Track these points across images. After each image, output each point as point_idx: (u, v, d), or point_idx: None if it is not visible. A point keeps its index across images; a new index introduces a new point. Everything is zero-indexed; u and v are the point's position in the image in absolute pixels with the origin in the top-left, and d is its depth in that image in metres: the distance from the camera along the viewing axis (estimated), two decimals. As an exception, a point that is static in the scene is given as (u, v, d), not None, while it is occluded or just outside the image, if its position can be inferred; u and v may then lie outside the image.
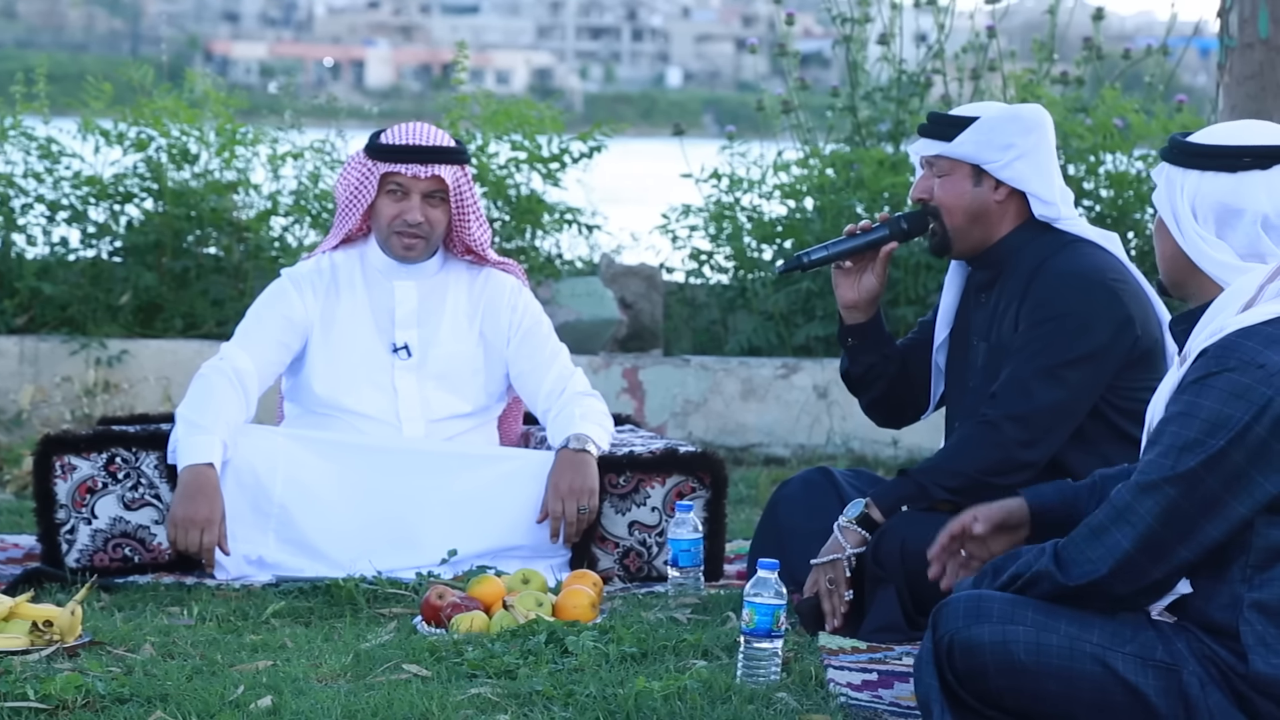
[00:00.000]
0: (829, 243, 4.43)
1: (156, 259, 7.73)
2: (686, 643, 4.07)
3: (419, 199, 4.96)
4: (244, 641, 4.17)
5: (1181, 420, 3.16)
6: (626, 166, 9.60)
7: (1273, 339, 3.15)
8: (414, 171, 4.93)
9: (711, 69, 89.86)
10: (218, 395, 4.81)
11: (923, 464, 4.29)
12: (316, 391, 5.02)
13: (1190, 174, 3.30)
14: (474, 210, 5.04)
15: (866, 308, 4.44)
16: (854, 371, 4.50)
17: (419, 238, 4.98)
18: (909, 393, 4.51)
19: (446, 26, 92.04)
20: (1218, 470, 3.13)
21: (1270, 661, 3.16)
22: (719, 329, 7.97)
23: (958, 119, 4.30)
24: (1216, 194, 3.28)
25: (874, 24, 8.09)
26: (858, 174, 7.75)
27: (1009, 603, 3.24)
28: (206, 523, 4.67)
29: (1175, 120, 7.76)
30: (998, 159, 4.27)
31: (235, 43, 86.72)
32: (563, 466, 4.83)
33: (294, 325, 5.01)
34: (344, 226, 5.07)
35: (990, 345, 4.30)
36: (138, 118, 7.75)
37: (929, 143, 4.32)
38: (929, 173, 4.34)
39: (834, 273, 4.45)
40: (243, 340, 4.98)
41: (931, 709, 3.26)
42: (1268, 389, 3.11)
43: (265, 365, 4.97)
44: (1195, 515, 3.14)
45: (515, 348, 5.10)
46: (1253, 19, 6.31)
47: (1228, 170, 3.27)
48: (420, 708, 3.59)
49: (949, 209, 4.30)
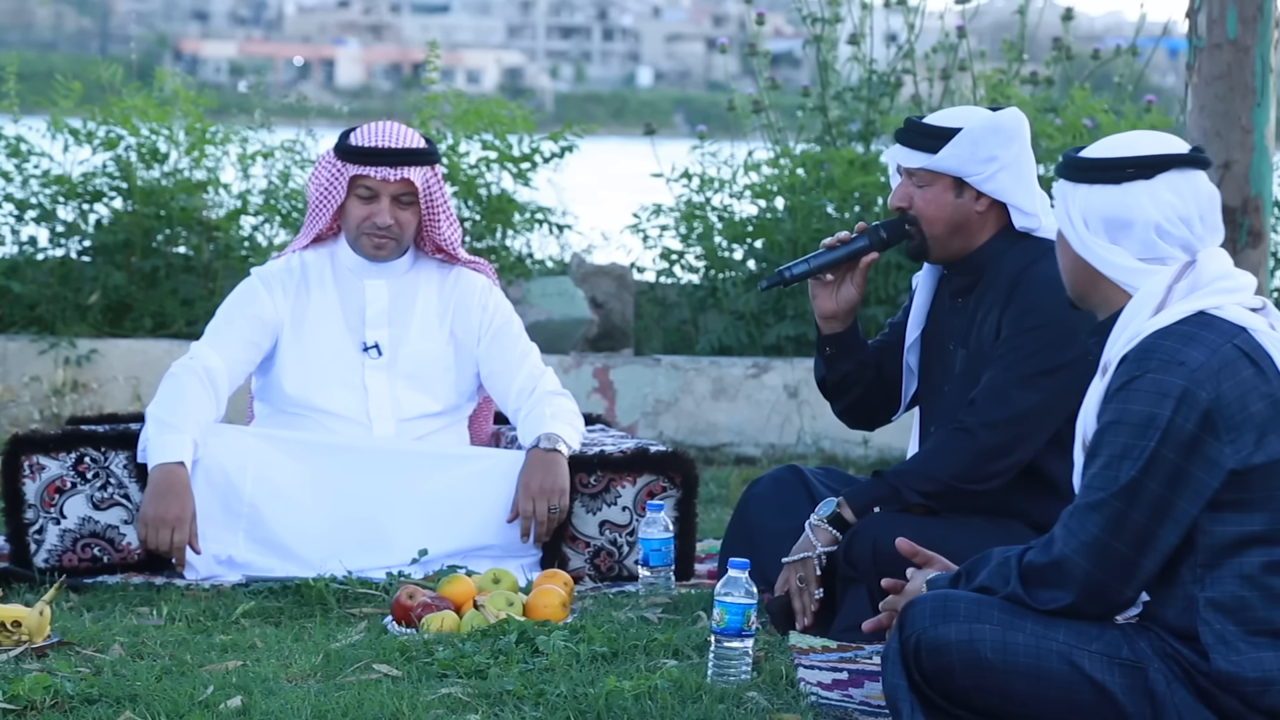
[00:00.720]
0: (809, 256, 4.39)
1: (125, 258, 7.70)
2: (657, 642, 4.08)
3: (388, 201, 4.95)
4: (213, 642, 4.16)
5: (1113, 429, 3.20)
6: (600, 165, 9.61)
7: (1189, 336, 3.19)
8: (383, 174, 4.92)
9: (682, 69, 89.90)
10: (188, 394, 4.80)
11: (897, 466, 4.29)
12: (287, 390, 5.01)
13: (1080, 188, 3.33)
14: (444, 210, 5.03)
15: (845, 318, 4.43)
16: (831, 379, 4.49)
17: (389, 239, 4.98)
18: (883, 396, 4.51)
19: (417, 26, 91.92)
20: (1156, 472, 3.16)
21: (1230, 659, 3.18)
22: (690, 328, 7.97)
23: (940, 130, 4.25)
24: (1104, 206, 3.31)
25: (844, 24, 8.11)
26: (828, 174, 7.76)
27: (975, 602, 3.26)
28: (177, 522, 4.66)
29: (1144, 120, 7.79)
30: (980, 172, 4.24)
31: (205, 41, 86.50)
32: (533, 466, 4.83)
33: (264, 324, 5.00)
34: (314, 227, 5.06)
35: (969, 351, 4.29)
36: (107, 117, 7.72)
37: (911, 153, 4.27)
38: (907, 181, 4.31)
39: (812, 285, 4.42)
40: (213, 339, 4.97)
41: (900, 708, 3.27)
42: (1188, 383, 3.15)
43: (235, 364, 4.95)
44: (1147, 523, 3.17)
45: (486, 347, 5.09)
46: (1221, 19, 6.34)
47: (1113, 182, 3.30)
48: (390, 708, 3.58)
49: (929, 219, 4.28)
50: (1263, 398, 3.19)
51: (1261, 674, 3.18)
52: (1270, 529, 3.18)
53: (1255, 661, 3.18)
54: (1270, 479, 3.18)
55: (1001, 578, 3.29)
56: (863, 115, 7.97)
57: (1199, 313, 3.23)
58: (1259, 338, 3.23)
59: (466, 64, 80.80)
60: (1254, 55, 6.33)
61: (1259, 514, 3.18)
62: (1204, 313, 3.23)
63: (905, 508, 4.24)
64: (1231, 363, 3.19)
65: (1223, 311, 3.24)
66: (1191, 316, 3.23)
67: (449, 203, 5.06)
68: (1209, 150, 6.35)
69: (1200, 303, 3.24)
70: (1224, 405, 3.17)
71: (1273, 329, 3.26)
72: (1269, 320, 3.27)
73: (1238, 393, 3.18)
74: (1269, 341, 3.23)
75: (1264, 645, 3.19)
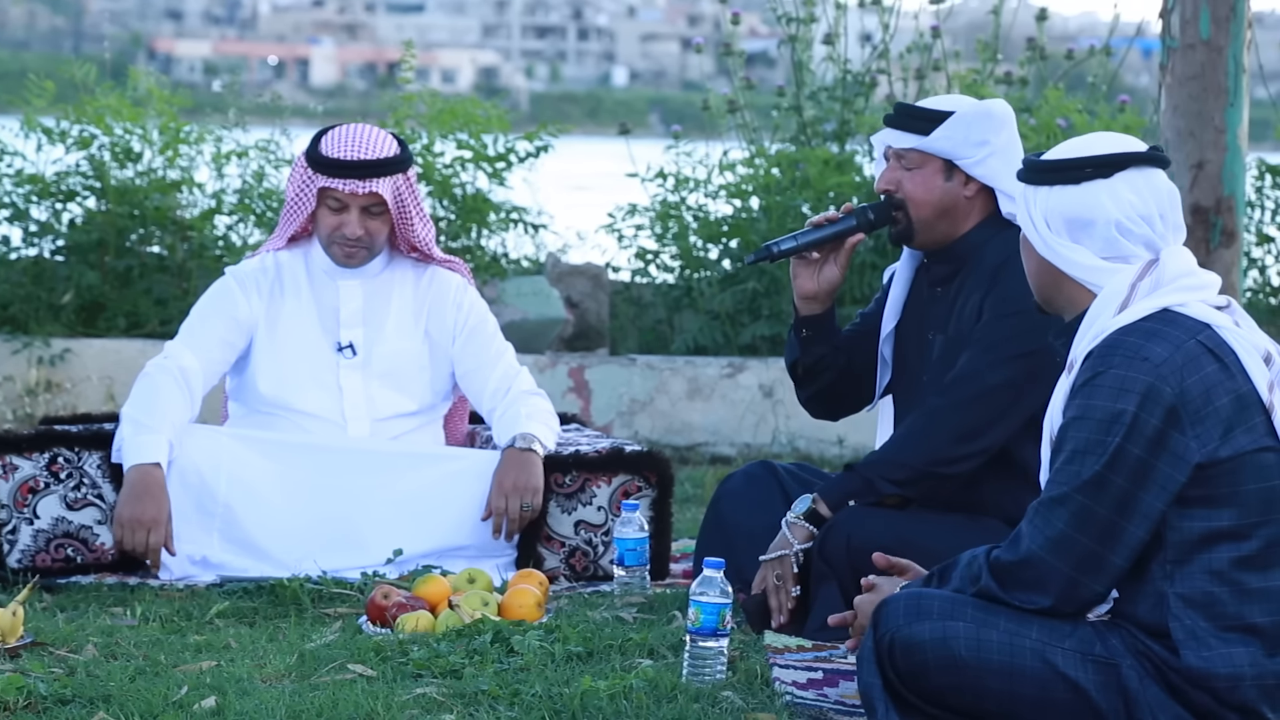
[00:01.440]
0: (797, 233, 4.38)
1: (99, 258, 7.68)
2: (632, 642, 4.08)
3: (357, 212, 4.94)
4: (188, 642, 4.15)
5: (1077, 425, 3.22)
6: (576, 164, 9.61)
7: (1153, 333, 3.21)
8: (351, 188, 4.90)
9: (657, 68, 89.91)
10: (163, 395, 4.79)
11: (869, 457, 4.29)
12: (261, 391, 5.00)
13: (1040, 190, 3.35)
14: (417, 213, 5.02)
15: (825, 299, 4.42)
16: (805, 362, 4.47)
17: (359, 248, 4.97)
18: (852, 385, 4.50)
19: (391, 25, 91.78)
20: (1121, 467, 3.18)
21: (1201, 655, 3.20)
22: (665, 328, 7.97)
23: (933, 113, 4.27)
24: (1065, 207, 3.33)
25: (819, 24, 8.12)
26: (803, 173, 7.77)
27: (949, 601, 3.27)
28: (153, 523, 4.65)
29: (1118, 120, 7.81)
30: (972, 155, 4.25)
31: (179, 41, 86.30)
32: (508, 464, 4.83)
33: (238, 324, 5.00)
34: (287, 231, 5.05)
35: (949, 338, 4.29)
36: (80, 116, 7.70)
37: (902, 135, 4.28)
38: (896, 164, 4.31)
39: (794, 264, 4.41)
40: (187, 339, 4.96)
41: (875, 707, 3.28)
42: (1153, 378, 3.17)
43: (210, 364, 4.95)
44: (1113, 517, 3.19)
45: (461, 346, 5.09)
46: (1194, 20, 6.36)
47: (1072, 182, 3.32)
48: (365, 708, 3.58)
49: (918, 203, 4.28)
50: (1228, 393, 3.21)
51: (1232, 670, 3.20)
52: (1238, 524, 3.20)
53: (1225, 658, 3.20)
54: (1237, 474, 3.20)
55: (970, 577, 3.30)
56: (837, 115, 7.97)
57: (1163, 310, 3.25)
58: (1223, 334, 3.25)
59: (441, 63, 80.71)
60: (1227, 55, 6.35)
61: (1226, 509, 3.20)
62: (1168, 310, 3.26)
63: (880, 500, 4.24)
64: (1195, 358, 3.21)
65: (1186, 308, 3.26)
66: (1155, 313, 3.25)
67: (421, 204, 5.05)
68: (1182, 150, 6.38)
69: (1164, 300, 3.26)
70: (1188, 400, 3.18)
71: (1237, 326, 3.28)
72: (1234, 318, 3.29)
73: (1202, 388, 3.20)
74: (1233, 338, 3.25)
75: (1234, 641, 3.21)
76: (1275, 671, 3.22)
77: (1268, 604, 3.21)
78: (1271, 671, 3.22)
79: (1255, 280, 8.04)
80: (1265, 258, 8.08)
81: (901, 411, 4.43)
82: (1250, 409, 3.22)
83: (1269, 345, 3.29)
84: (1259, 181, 8.00)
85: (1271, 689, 3.22)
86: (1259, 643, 3.21)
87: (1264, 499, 3.21)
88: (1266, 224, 8.04)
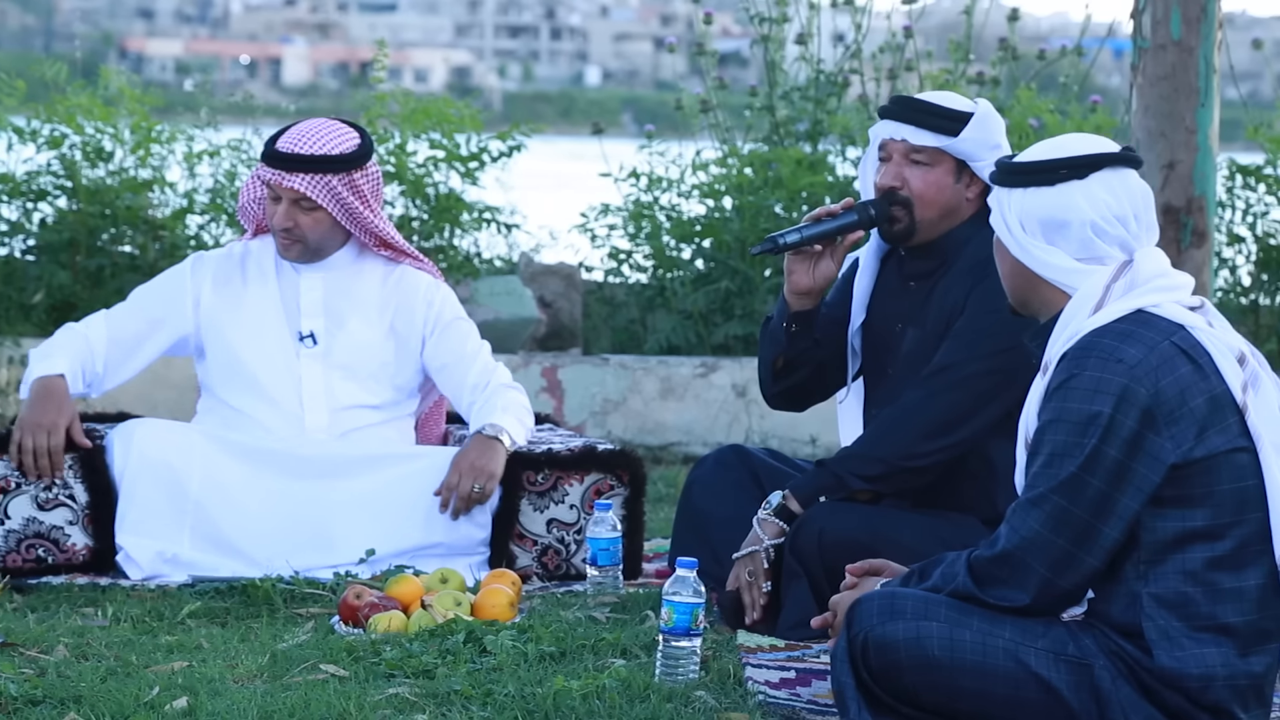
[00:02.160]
0: (800, 226, 4.32)
1: (70, 257, 7.66)
2: (605, 642, 4.08)
3: (287, 204, 4.97)
4: (159, 642, 4.14)
5: (1054, 427, 3.23)
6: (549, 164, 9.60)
7: (1126, 334, 3.23)
8: (275, 179, 4.94)
9: (630, 68, 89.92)
10: (59, 337, 4.97)
11: (841, 453, 4.29)
12: (222, 376, 5.02)
13: (1015, 192, 3.36)
14: (368, 211, 4.99)
15: (817, 295, 4.37)
16: (788, 356, 4.44)
17: (292, 240, 4.99)
18: (822, 376, 4.49)
19: (364, 24, 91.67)
20: (1097, 469, 3.19)
21: (1174, 655, 3.21)
22: (638, 328, 7.97)
23: (958, 113, 4.22)
24: (1040, 208, 3.34)
25: (792, 24, 8.12)
26: (776, 173, 7.77)
27: (923, 600, 3.28)
28: (52, 426, 4.75)
29: (1089, 121, 7.83)
30: (985, 158, 4.22)
31: (150, 40, 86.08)
32: (471, 446, 4.86)
33: (176, 306, 5.03)
34: (248, 220, 5.11)
35: (925, 332, 4.27)
36: (51, 115, 7.68)
37: (924, 133, 4.22)
38: (903, 160, 4.26)
39: (790, 259, 4.34)
40: (110, 312, 5.07)
41: (848, 706, 3.28)
42: (1128, 380, 3.18)
43: (124, 335, 5.00)
44: (1089, 519, 3.20)
45: (434, 343, 5.09)
46: (1165, 20, 6.37)
47: (1047, 184, 3.33)
48: (337, 708, 3.57)
49: (927, 202, 4.25)
50: (1202, 394, 3.22)
51: (1204, 670, 3.21)
52: (1212, 525, 3.21)
53: (1198, 658, 3.21)
54: (1210, 474, 3.21)
55: (949, 575, 3.31)
56: (810, 115, 7.98)
57: (1137, 311, 3.27)
58: (1197, 335, 3.26)
59: (414, 63, 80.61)
60: (1198, 56, 6.37)
61: (1200, 510, 3.21)
62: (1142, 311, 3.27)
63: (850, 495, 4.24)
64: (1169, 359, 3.22)
65: (1161, 309, 3.27)
66: (1130, 315, 3.26)
67: (373, 202, 5.01)
68: (1154, 150, 6.40)
69: (1138, 301, 3.27)
70: (1163, 401, 3.20)
71: (1210, 326, 3.29)
72: (1207, 318, 3.31)
73: (1176, 388, 3.21)
74: (1207, 339, 3.26)
75: (1207, 641, 3.22)
76: (1247, 672, 3.23)
77: (1240, 604, 3.23)
78: (1243, 672, 3.23)
79: (1226, 280, 8.06)
80: (1236, 258, 8.11)
81: (870, 403, 4.42)
82: (1224, 409, 3.23)
83: (1242, 345, 3.31)
84: (1230, 182, 8.03)
85: (1243, 689, 3.23)
86: (1231, 643, 3.22)
87: (1237, 499, 3.22)
88: (1237, 224, 8.07)
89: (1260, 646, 3.25)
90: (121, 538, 4.76)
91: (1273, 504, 3.23)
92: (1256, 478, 3.23)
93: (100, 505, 4.79)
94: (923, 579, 3.36)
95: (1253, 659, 3.24)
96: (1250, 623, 3.23)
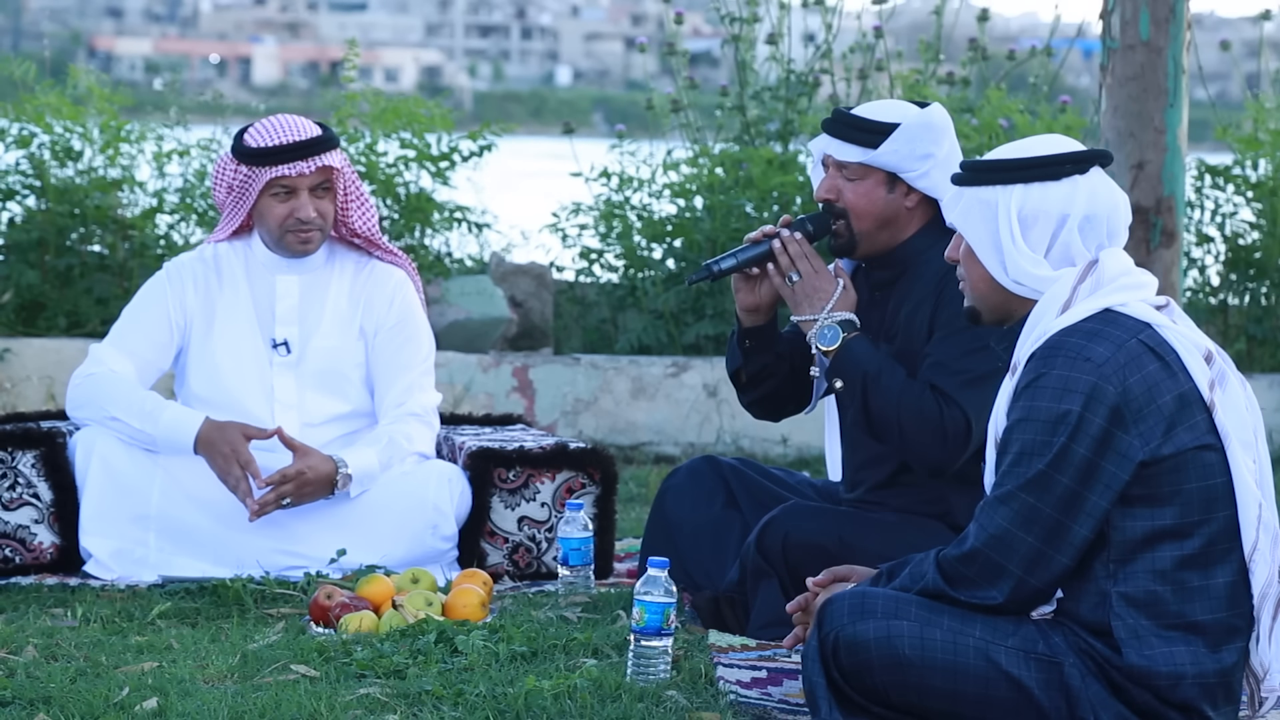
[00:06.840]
0: (735, 250, 4.33)
1: (39, 257, 7.63)
2: (576, 641, 4.08)
3: (307, 195, 4.91)
4: (129, 643, 4.12)
5: (1023, 426, 3.24)
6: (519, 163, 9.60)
7: (1094, 333, 3.24)
8: (299, 170, 4.87)
9: (601, 68, 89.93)
10: (119, 384, 4.81)
11: (885, 363, 4.17)
12: (194, 386, 4.96)
13: (1015, 189, 3.35)
14: (358, 194, 5.00)
15: (767, 311, 4.39)
16: (749, 370, 4.46)
17: (315, 230, 4.94)
18: (794, 387, 4.50)
19: (334, 24, 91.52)
20: (1066, 467, 3.20)
21: (1143, 653, 3.22)
22: (609, 328, 7.97)
23: (878, 125, 4.22)
24: (1046, 202, 3.33)
25: (762, 24, 8.13)
26: (747, 173, 7.78)
27: (893, 600, 3.28)
28: (234, 450, 4.72)
29: (1059, 121, 7.85)
30: (916, 169, 4.22)
31: (119, 39, 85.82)
32: (319, 463, 4.74)
33: (170, 323, 4.96)
34: (229, 227, 5.01)
35: (895, 349, 4.26)
36: (20, 114, 7.65)
37: (846, 146, 4.24)
38: (836, 173, 4.28)
39: (735, 279, 4.36)
40: (117, 342, 4.93)
41: (819, 705, 3.29)
42: (1096, 378, 3.20)
43: (144, 366, 4.92)
44: (1058, 516, 3.21)
45: (378, 341, 5.02)
46: (1134, 21, 6.40)
47: (1052, 179, 3.33)
48: (308, 708, 3.57)
49: (860, 214, 4.26)
50: (1169, 391, 3.23)
51: (1173, 668, 3.22)
52: (1180, 523, 3.23)
53: (1167, 656, 3.22)
54: (1179, 472, 3.22)
55: (917, 575, 3.32)
56: (781, 115, 7.99)
57: (1104, 310, 3.28)
58: (1164, 333, 3.28)
59: (384, 62, 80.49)
60: (1167, 56, 6.40)
61: (1168, 508, 3.23)
62: (1109, 310, 3.28)
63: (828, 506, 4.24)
64: (1137, 357, 3.24)
65: (1128, 308, 3.29)
66: (1097, 314, 3.28)
67: (361, 187, 5.03)
68: (1123, 151, 6.42)
69: (1105, 300, 3.29)
70: (1131, 399, 3.21)
71: (1175, 325, 3.31)
72: (1172, 317, 3.32)
73: (1144, 386, 3.22)
74: (1174, 337, 3.28)
75: (1176, 640, 3.23)
76: (1216, 670, 3.25)
77: (1209, 602, 3.24)
78: (1212, 670, 3.24)
79: (1195, 280, 8.09)
80: (1205, 258, 8.14)
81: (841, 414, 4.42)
82: (1191, 407, 3.25)
83: (1208, 344, 3.32)
84: (1199, 182, 8.06)
85: (1212, 687, 3.25)
86: (1200, 641, 3.24)
87: (1205, 497, 3.24)
88: (1206, 224, 8.10)
89: (1229, 644, 3.26)
90: (85, 540, 4.74)
91: (1240, 501, 3.24)
92: (1224, 475, 3.25)
93: (64, 503, 4.77)
94: (891, 579, 3.37)
95: (1222, 655, 3.25)
96: (1219, 620, 3.25)
